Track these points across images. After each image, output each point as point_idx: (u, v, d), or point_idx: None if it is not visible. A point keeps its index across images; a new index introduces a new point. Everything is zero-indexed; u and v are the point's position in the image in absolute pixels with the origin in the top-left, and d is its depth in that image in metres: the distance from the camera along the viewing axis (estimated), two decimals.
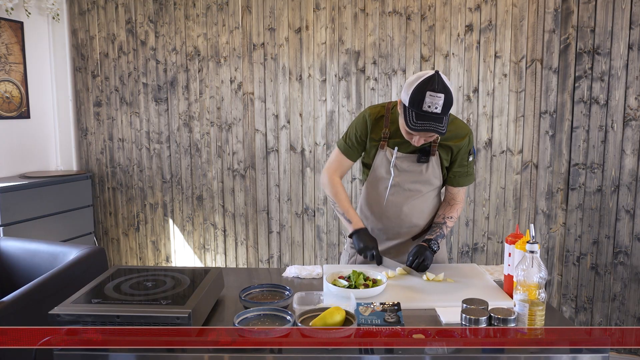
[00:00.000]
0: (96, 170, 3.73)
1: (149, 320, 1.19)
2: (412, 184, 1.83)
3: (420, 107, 1.54)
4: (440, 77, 1.55)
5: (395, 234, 1.91)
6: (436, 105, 1.54)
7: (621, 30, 2.73)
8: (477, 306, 1.23)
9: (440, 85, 1.54)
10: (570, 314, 3.02)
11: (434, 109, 1.54)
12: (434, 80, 1.54)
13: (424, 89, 1.54)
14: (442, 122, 1.57)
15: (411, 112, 1.58)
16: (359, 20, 3.11)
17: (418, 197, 1.85)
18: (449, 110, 1.57)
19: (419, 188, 1.84)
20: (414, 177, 1.82)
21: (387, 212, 1.88)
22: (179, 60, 3.44)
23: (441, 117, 1.56)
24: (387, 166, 1.82)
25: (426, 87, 1.54)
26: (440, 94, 1.53)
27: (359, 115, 1.88)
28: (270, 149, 3.36)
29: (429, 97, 1.53)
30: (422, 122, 1.56)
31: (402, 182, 1.83)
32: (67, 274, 2.04)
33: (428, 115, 1.55)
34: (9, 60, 3.32)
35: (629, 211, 2.83)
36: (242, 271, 1.97)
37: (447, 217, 1.86)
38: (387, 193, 1.85)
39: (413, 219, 1.88)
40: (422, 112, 1.55)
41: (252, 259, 3.50)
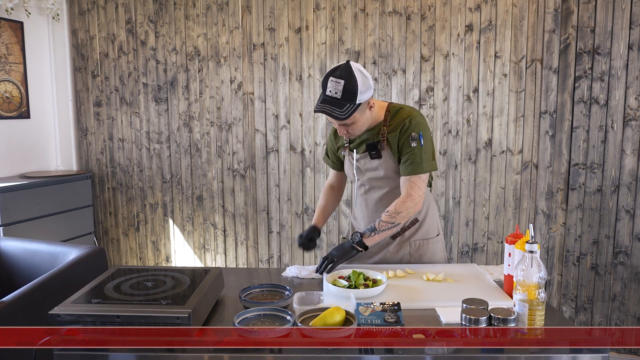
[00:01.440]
0: (96, 170, 3.73)
1: (149, 320, 1.19)
2: (374, 181, 1.87)
3: (324, 91, 1.65)
4: (348, 65, 1.63)
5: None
6: (337, 90, 1.62)
7: (621, 30, 2.73)
8: (477, 306, 1.23)
9: (344, 72, 1.62)
10: (570, 314, 3.02)
11: (334, 93, 1.62)
12: (340, 67, 1.64)
13: (328, 75, 1.64)
14: (343, 108, 1.63)
15: (320, 97, 1.68)
16: (359, 20, 3.11)
17: (383, 193, 1.86)
18: (353, 98, 1.63)
19: (381, 184, 1.86)
20: (372, 175, 1.85)
21: (356, 210, 1.99)
22: (179, 60, 3.44)
23: (342, 102, 1.63)
24: (350, 168, 1.90)
25: (331, 73, 1.64)
26: (341, 80, 1.61)
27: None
28: (270, 149, 3.36)
29: (331, 82, 1.63)
30: (323, 104, 1.65)
31: (365, 182, 1.90)
32: (67, 274, 2.04)
33: (329, 99, 1.64)
34: (9, 60, 3.32)
35: (629, 211, 2.83)
36: (242, 271, 1.97)
37: (385, 212, 1.74)
38: (356, 194, 1.95)
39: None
40: (325, 97, 1.65)
41: (252, 259, 3.50)
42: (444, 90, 3.06)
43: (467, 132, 3.05)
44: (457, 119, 3.06)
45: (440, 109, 3.07)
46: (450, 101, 3.05)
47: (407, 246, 1.90)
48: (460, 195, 3.11)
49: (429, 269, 1.77)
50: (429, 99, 3.08)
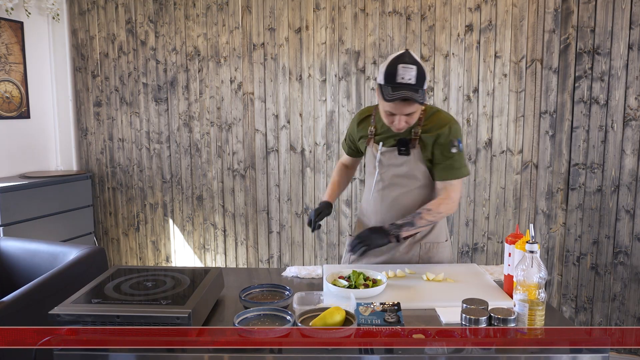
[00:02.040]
0: (96, 170, 3.73)
1: (149, 320, 1.19)
2: (396, 178, 1.84)
3: (395, 80, 1.60)
4: (410, 53, 1.63)
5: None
6: (410, 76, 1.58)
7: (621, 30, 2.73)
8: (477, 306, 1.23)
9: (411, 58, 1.61)
10: (570, 314, 3.02)
11: (407, 79, 1.59)
12: (405, 55, 1.62)
13: (396, 63, 1.60)
14: (418, 92, 1.60)
15: (387, 87, 1.62)
16: (359, 20, 3.11)
17: (403, 192, 1.85)
18: (423, 82, 1.62)
19: (403, 182, 1.84)
20: (396, 171, 1.83)
21: (372, 205, 1.93)
22: (179, 60, 3.44)
23: (416, 87, 1.59)
24: (373, 161, 1.87)
25: (398, 61, 1.61)
26: (412, 65, 1.59)
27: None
28: (270, 149, 3.36)
29: (402, 69, 1.59)
30: (397, 91, 1.60)
31: (386, 177, 1.86)
32: (67, 274, 2.04)
33: (402, 86, 1.59)
34: (9, 60, 3.32)
35: (629, 211, 2.83)
36: (242, 271, 1.97)
37: (424, 209, 1.76)
38: (372, 188, 1.91)
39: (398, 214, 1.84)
40: (396, 84, 1.60)
41: (252, 259, 3.50)
42: (444, 90, 3.06)
43: (467, 132, 3.05)
44: (457, 119, 3.06)
45: None
46: (450, 101, 3.05)
47: (417, 248, 1.89)
48: (460, 195, 3.11)
49: (428, 269, 1.77)
50: (429, 99, 3.07)
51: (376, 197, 1.90)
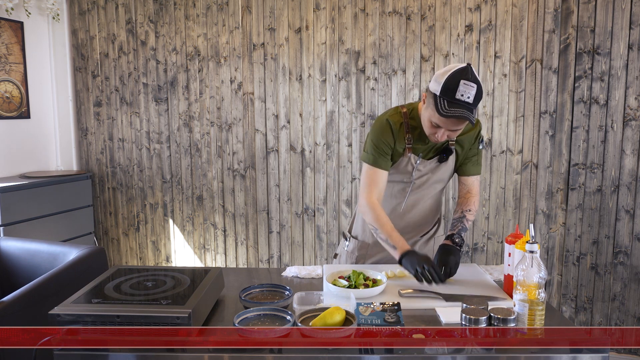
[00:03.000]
0: (96, 170, 3.73)
1: (149, 320, 1.19)
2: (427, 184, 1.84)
3: (454, 95, 1.54)
4: (472, 69, 1.57)
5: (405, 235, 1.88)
6: (469, 94, 1.53)
7: (621, 30, 2.73)
8: (477, 306, 1.23)
9: (473, 76, 1.55)
10: (570, 314, 3.02)
11: (466, 97, 1.53)
12: (468, 70, 1.55)
13: (458, 78, 1.54)
14: (473, 112, 1.57)
15: (443, 100, 1.56)
16: (359, 20, 3.11)
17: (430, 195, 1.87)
18: (479, 101, 1.57)
19: (432, 187, 1.85)
20: (430, 178, 1.83)
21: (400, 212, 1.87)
22: (179, 60, 3.44)
23: (472, 107, 1.55)
24: (410, 171, 1.79)
25: (460, 76, 1.54)
26: (474, 84, 1.54)
27: (377, 123, 1.79)
28: (270, 149, 3.36)
29: (463, 85, 1.53)
30: (454, 109, 1.55)
31: (422, 185, 1.84)
32: (67, 274, 2.04)
33: (460, 103, 1.54)
34: (9, 60, 3.32)
35: (629, 211, 2.83)
36: (242, 271, 1.97)
37: (466, 211, 1.83)
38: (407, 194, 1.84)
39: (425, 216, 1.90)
40: (454, 100, 1.54)
41: (252, 259, 3.50)
42: None
43: None
44: None
45: None
46: None
47: (431, 242, 1.94)
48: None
49: None
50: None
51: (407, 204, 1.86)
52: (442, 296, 1.48)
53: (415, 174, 1.80)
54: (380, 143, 1.75)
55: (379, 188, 1.76)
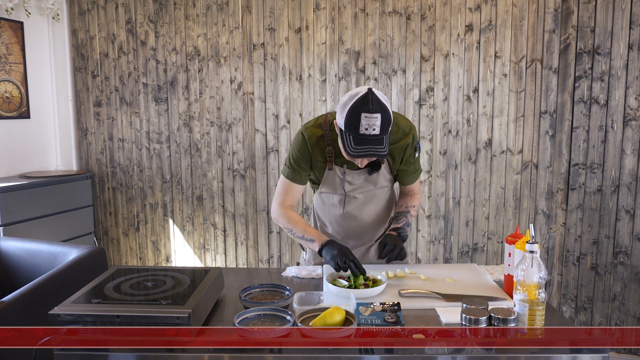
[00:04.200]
0: (96, 170, 3.73)
1: (149, 320, 1.19)
2: (366, 192, 1.82)
3: (357, 130, 1.46)
4: (375, 96, 1.46)
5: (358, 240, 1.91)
6: (374, 126, 1.45)
7: (621, 30, 2.73)
8: (477, 306, 1.23)
9: (376, 104, 1.45)
10: (570, 314, 3.02)
11: (371, 130, 1.45)
12: (368, 100, 1.45)
13: (359, 111, 1.45)
14: (383, 143, 1.49)
15: (348, 137, 1.49)
16: (359, 20, 3.11)
17: (374, 201, 1.85)
18: (388, 128, 1.50)
19: (373, 194, 1.84)
20: (367, 187, 1.81)
21: (345, 222, 1.86)
22: (179, 60, 3.44)
23: (380, 137, 1.48)
24: (339, 184, 1.77)
25: (361, 108, 1.45)
26: (377, 114, 1.44)
27: (296, 137, 1.77)
28: (270, 149, 3.36)
29: (365, 119, 1.44)
30: (361, 146, 1.48)
31: (356, 194, 1.81)
32: (67, 274, 2.04)
33: (366, 139, 1.47)
34: (9, 60, 3.32)
35: (629, 211, 2.83)
36: (242, 271, 1.97)
37: (410, 206, 1.83)
38: (343, 206, 1.82)
39: (372, 223, 1.88)
40: (359, 136, 1.47)
41: (252, 259, 3.50)
42: (444, 90, 3.06)
43: (467, 132, 3.05)
44: (457, 119, 3.06)
45: (440, 109, 3.07)
46: (450, 101, 3.05)
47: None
48: (460, 195, 3.11)
49: (429, 269, 1.77)
50: (429, 99, 3.08)
51: (348, 214, 1.85)
52: (442, 296, 1.48)
53: (347, 187, 1.77)
54: (297, 157, 1.75)
55: (291, 198, 1.80)
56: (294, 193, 1.81)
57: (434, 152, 3.11)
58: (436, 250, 3.20)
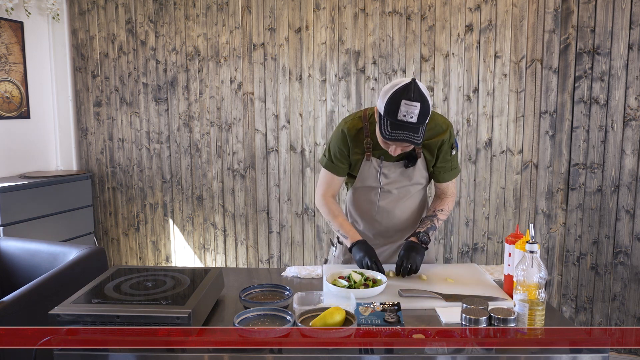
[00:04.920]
0: (96, 170, 3.73)
1: (149, 320, 1.19)
2: (401, 188, 1.82)
3: (395, 116, 1.50)
4: (417, 86, 1.51)
5: (388, 239, 1.91)
6: (412, 114, 1.49)
7: (621, 30, 2.73)
8: (477, 306, 1.23)
9: (417, 93, 1.49)
10: (570, 314, 3.02)
11: (409, 118, 1.49)
12: (410, 88, 1.49)
13: (399, 98, 1.49)
14: (418, 132, 1.53)
15: (386, 121, 1.54)
16: (359, 20, 3.11)
17: (408, 198, 1.85)
18: (426, 119, 1.53)
19: (407, 190, 1.84)
20: (402, 182, 1.81)
21: (378, 217, 1.87)
22: (179, 60, 3.44)
23: (417, 126, 1.52)
24: (375, 175, 1.79)
25: (402, 95, 1.49)
26: (416, 103, 1.49)
27: (336, 130, 1.82)
28: (270, 149, 3.36)
29: (404, 105, 1.49)
30: (397, 131, 1.52)
31: (391, 188, 1.82)
32: (67, 274, 2.04)
33: (403, 125, 1.51)
34: (9, 60, 3.32)
35: (629, 211, 2.83)
36: (242, 271, 1.97)
37: (438, 210, 1.83)
38: (377, 200, 1.83)
39: (404, 220, 1.88)
40: (397, 122, 1.51)
41: (252, 259, 3.50)
42: (444, 90, 3.06)
43: (467, 132, 3.05)
44: (457, 119, 3.06)
45: (440, 109, 3.07)
46: (450, 101, 3.05)
47: None
48: (460, 195, 3.11)
49: (429, 269, 1.77)
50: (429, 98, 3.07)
51: (382, 209, 1.86)
52: (442, 296, 1.48)
53: (383, 180, 1.79)
54: (336, 151, 1.81)
55: (332, 189, 1.87)
56: (334, 184, 1.87)
57: None
58: (436, 250, 3.19)
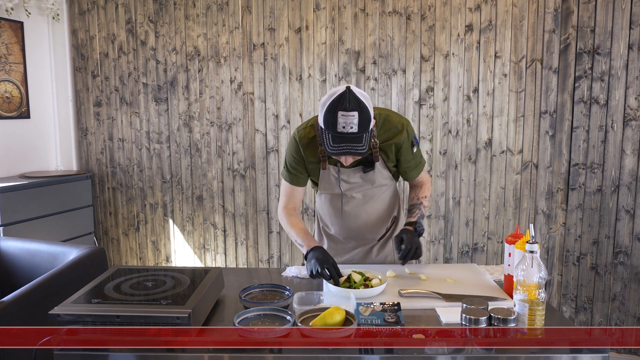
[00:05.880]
0: (96, 170, 3.73)
1: (149, 320, 1.19)
2: (364, 191, 1.81)
3: (335, 128, 1.46)
4: (352, 94, 1.46)
5: (360, 241, 1.91)
6: (351, 124, 1.45)
7: (621, 30, 2.73)
8: (477, 306, 1.23)
9: (353, 102, 1.45)
10: (570, 314, 3.02)
11: (349, 128, 1.45)
12: (345, 97, 1.45)
13: (335, 109, 1.45)
14: (362, 141, 1.49)
15: (327, 135, 1.50)
16: (359, 20, 3.11)
17: (374, 201, 1.84)
18: (368, 127, 1.49)
19: (372, 193, 1.82)
20: (364, 186, 1.79)
21: (347, 222, 1.86)
22: (179, 60, 3.44)
23: (359, 135, 1.48)
24: (335, 183, 1.77)
25: (337, 106, 1.45)
26: (353, 112, 1.45)
27: (290, 140, 1.79)
28: (270, 149, 3.36)
29: (342, 117, 1.44)
30: (339, 144, 1.48)
31: (353, 193, 1.80)
32: (67, 274, 2.04)
33: (344, 137, 1.47)
34: (9, 60, 3.32)
35: (629, 211, 2.83)
36: (242, 271, 1.97)
37: (422, 197, 1.83)
38: (341, 206, 1.82)
39: (374, 222, 1.88)
40: (337, 134, 1.47)
41: (252, 259, 3.50)
42: (444, 90, 3.06)
43: (467, 132, 3.05)
44: (457, 119, 3.06)
45: (440, 109, 3.07)
46: (450, 101, 3.05)
47: (389, 244, 1.93)
48: (460, 195, 3.11)
49: (429, 269, 1.77)
50: (429, 99, 3.08)
51: (348, 214, 1.84)
52: (442, 296, 1.48)
53: (344, 186, 1.77)
54: (292, 161, 1.78)
55: (293, 201, 1.83)
56: (295, 195, 1.83)
57: (434, 152, 3.11)
58: (436, 250, 3.20)
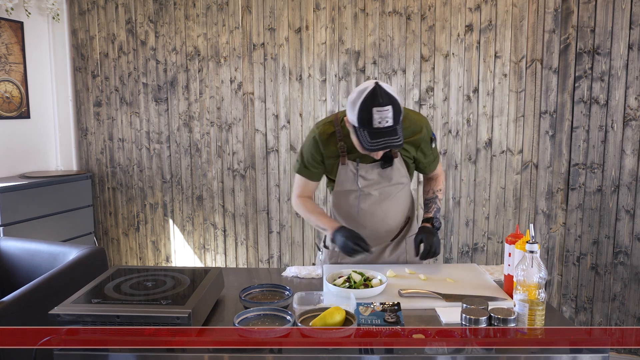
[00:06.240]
0: (96, 170, 3.73)
1: (149, 320, 1.19)
2: (381, 189, 1.81)
3: (371, 125, 1.49)
4: (383, 89, 1.50)
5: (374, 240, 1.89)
6: (387, 118, 1.48)
7: (621, 30, 2.73)
8: (477, 306, 1.23)
9: (385, 97, 1.49)
10: (570, 314, 3.02)
11: (384, 123, 1.49)
12: (377, 93, 1.49)
13: (370, 106, 1.48)
14: (397, 134, 1.52)
15: (363, 132, 1.52)
16: (359, 20, 3.11)
17: (390, 199, 1.84)
18: (400, 117, 1.53)
19: (388, 191, 1.82)
20: (381, 183, 1.79)
21: (361, 220, 1.86)
22: (179, 60, 3.44)
23: (395, 128, 1.51)
24: (353, 179, 1.78)
25: (371, 103, 1.48)
26: (387, 107, 1.48)
27: (308, 136, 1.80)
28: (270, 149, 3.36)
29: (377, 113, 1.48)
30: (378, 139, 1.51)
31: (371, 190, 1.80)
32: (67, 274, 2.04)
33: (381, 132, 1.50)
34: (9, 60, 3.32)
35: (629, 211, 2.83)
36: (242, 271, 1.97)
37: (437, 190, 1.89)
38: (358, 203, 1.82)
39: (389, 221, 1.87)
40: (374, 130, 1.50)
41: (252, 259, 3.50)
42: (444, 90, 3.06)
43: (467, 132, 3.05)
44: (457, 119, 3.06)
45: (440, 109, 3.07)
46: (450, 101, 3.05)
47: (403, 244, 1.92)
48: (460, 195, 3.11)
49: (429, 269, 1.77)
50: (429, 99, 3.08)
51: (364, 212, 1.84)
52: (442, 296, 1.48)
53: (361, 182, 1.77)
54: (309, 157, 1.80)
55: (308, 190, 1.88)
56: (309, 187, 1.88)
57: None
58: None
